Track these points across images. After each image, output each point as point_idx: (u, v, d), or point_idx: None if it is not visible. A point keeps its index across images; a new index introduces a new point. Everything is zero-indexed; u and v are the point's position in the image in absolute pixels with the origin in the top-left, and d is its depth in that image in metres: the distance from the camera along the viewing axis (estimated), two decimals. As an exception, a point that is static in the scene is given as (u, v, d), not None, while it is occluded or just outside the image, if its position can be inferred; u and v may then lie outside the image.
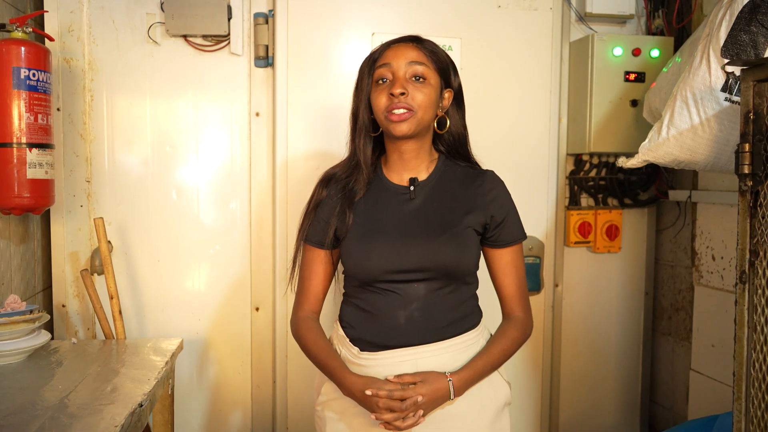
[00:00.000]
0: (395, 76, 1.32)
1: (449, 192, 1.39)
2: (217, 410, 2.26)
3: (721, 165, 1.74)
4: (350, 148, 1.43)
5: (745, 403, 1.35)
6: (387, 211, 1.37)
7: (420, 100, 1.31)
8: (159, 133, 2.15)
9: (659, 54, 2.25)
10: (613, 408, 2.54)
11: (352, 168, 1.41)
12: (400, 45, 1.35)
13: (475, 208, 1.37)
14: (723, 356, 2.13)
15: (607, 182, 2.45)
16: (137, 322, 2.17)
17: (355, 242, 1.35)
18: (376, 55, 1.37)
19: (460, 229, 1.34)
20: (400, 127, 1.31)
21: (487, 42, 2.23)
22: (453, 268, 1.33)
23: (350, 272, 1.39)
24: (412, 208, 1.37)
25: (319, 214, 1.41)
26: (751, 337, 1.33)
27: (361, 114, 1.38)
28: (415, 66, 1.32)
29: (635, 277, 2.52)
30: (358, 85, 1.40)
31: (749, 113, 1.31)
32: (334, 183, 1.42)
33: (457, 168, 1.43)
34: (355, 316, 1.39)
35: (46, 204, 1.82)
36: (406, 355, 1.32)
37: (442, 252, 1.32)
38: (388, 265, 1.32)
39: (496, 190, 1.40)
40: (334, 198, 1.40)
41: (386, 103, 1.31)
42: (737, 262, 1.35)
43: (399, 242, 1.33)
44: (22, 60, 1.71)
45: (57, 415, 1.27)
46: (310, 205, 1.45)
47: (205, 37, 2.15)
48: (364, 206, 1.38)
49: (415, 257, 1.32)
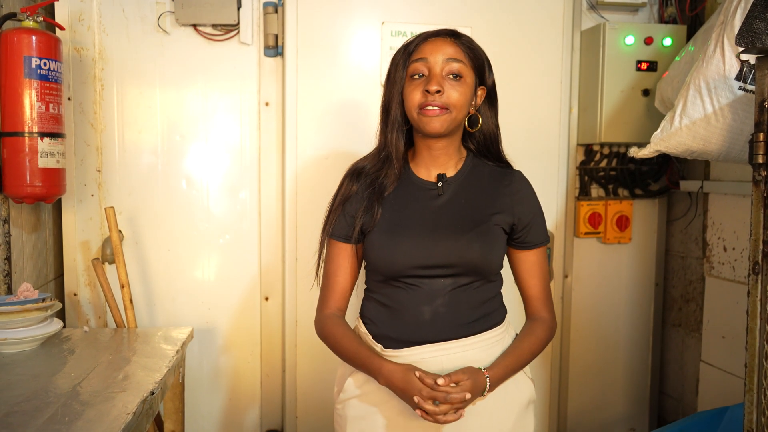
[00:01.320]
0: (431, 72, 1.27)
1: (477, 189, 1.36)
2: (227, 399, 2.28)
3: (734, 155, 1.72)
4: (380, 141, 1.39)
5: (756, 395, 1.34)
6: (414, 206, 1.35)
7: (455, 99, 1.27)
8: (169, 122, 2.16)
9: (672, 43, 2.23)
10: (622, 399, 2.54)
11: (382, 162, 1.37)
12: (437, 39, 1.30)
13: (503, 208, 1.34)
14: (733, 348, 2.12)
15: (617, 172, 2.44)
16: (148, 311, 2.18)
17: (382, 236, 1.32)
18: (411, 47, 1.31)
19: (488, 226, 1.32)
20: (433, 125, 1.27)
21: (497, 30, 2.21)
22: (480, 265, 1.31)
23: (375, 266, 1.35)
24: (440, 204, 1.35)
25: (347, 209, 1.38)
26: (764, 328, 1.32)
27: (393, 107, 1.33)
28: (452, 63, 1.28)
29: (645, 268, 2.51)
30: (390, 77, 1.34)
31: (764, 102, 1.30)
32: (363, 177, 1.38)
33: (485, 166, 1.40)
34: (378, 313, 1.36)
35: (57, 193, 1.83)
36: (432, 351, 1.30)
37: (469, 248, 1.29)
38: (414, 260, 1.30)
39: (523, 191, 1.38)
40: (362, 193, 1.37)
41: (420, 99, 1.27)
42: (750, 253, 1.34)
43: (426, 237, 1.31)
44: (34, 49, 1.71)
45: (70, 402, 1.28)
46: (336, 199, 1.40)
47: (214, 27, 2.14)
48: (391, 201, 1.36)
49: (443, 253, 1.29)
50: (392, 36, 2.15)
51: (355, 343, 1.33)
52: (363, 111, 2.16)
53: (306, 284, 2.19)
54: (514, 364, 1.33)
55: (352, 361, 1.34)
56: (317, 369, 2.22)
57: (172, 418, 1.87)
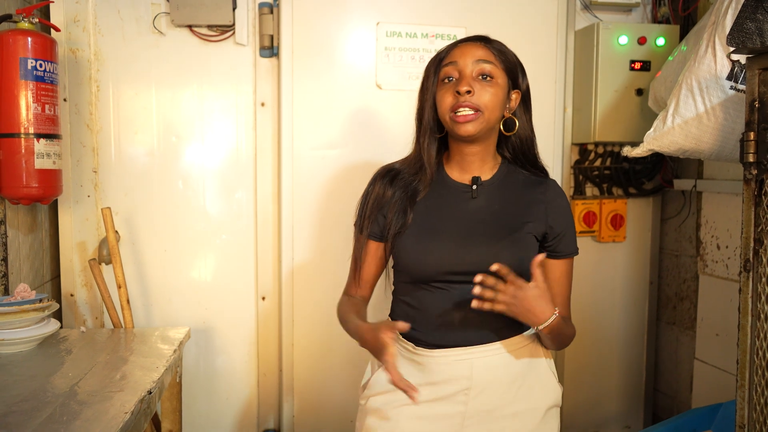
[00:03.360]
0: (462, 74, 1.28)
1: (511, 196, 1.36)
2: (224, 398, 2.28)
3: (726, 154, 1.74)
4: (415, 148, 1.39)
5: (748, 391, 1.35)
6: (447, 209, 1.34)
7: (487, 100, 1.27)
8: (165, 123, 2.16)
9: (665, 42, 2.25)
10: (617, 397, 2.55)
11: (417, 168, 1.37)
12: (467, 44, 1.32)
13: (536, 217, 1.34)
14: (727, 345, 2.13)
15: (612, 171, 2.45)
16: (145, 311, 2.19)
17: (414, 240, 1.32)
18: (443, 54, 1.33)
19: (521, 234, 1.32)
20: (465, 127, 1.27)
21: (492, 31, 2.18)
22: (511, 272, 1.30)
23: (406, 269, 1.35)
24: (474, 208, 1.34)
25: (378, 209, 1.38)
26: (755, 325, 1.33)
27: (426, 114, 1.34)
28: (482, 64, 1.28)
29: (640, 266, 2.53)
30: (423, 85, 1.36)
31: (754, 101, 1.31)
32: (396, 179, 1.38)
33: (519, 174, 1.40)
34: (407, 315, 1.36)
35: (53, 194, 1.83)
36: (462, 355, 1.30)
37: (502, 256, 1.27)
38: (445, 265, 1.29)
39: (557, 200, 1.37)
40: (395, 196, 1.37)
41: (452, 101, 1.28)
42: (741, 251, 1.35)
43: (458, 243, 1.30)
44: (29, 50, 1.71)
45: (67, 402, 1.29)
46: (368, 199, 1.40)
47: (210, 27, 2.15)
48: (424, 203, 1.36)
49: (474, 259, 1.28)
50: (387, 36, 2.16)
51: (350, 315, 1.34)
52: (359, 111, 2.17)
53: (303, 284, 2.20)
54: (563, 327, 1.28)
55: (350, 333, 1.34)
56: (314, 369, 2.22)
57: (170, 418, 1.87)
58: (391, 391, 1.33)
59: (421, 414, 1.32)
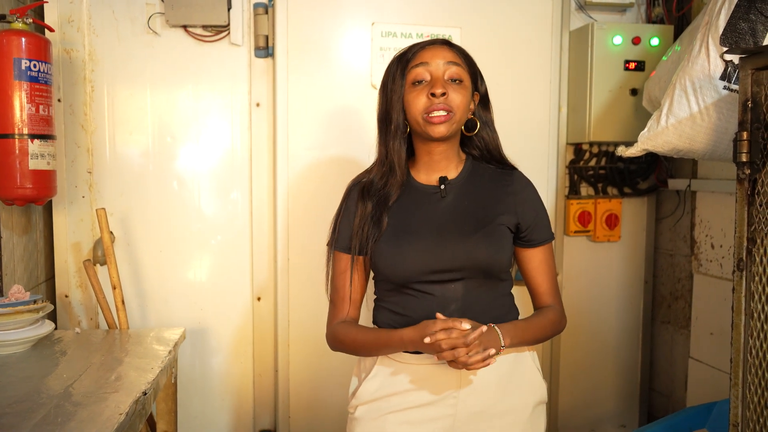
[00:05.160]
0: (433, 76, 1.30)
1: (480, 191, 1.37)
2: (219, 399, 2.28)
3: (719, 153, 1.75)
4: (380, 152, 1.38)
5: (742, 389, 1.36)
6: (419, 212, 1.35)
7: (458, 102, 1.29)
8: (160, 123, 2.16)
9: (659, 42, 2.25)
10: (612, 396, 2.56)
11: (386, 173, 1.36)
12: (434, 46, 1.33)
13: (506, 209, 1.35)
14: (722, 344, 2.14)
15: (606, 171, 2.46)
16: (140, 312, 2.18)
17: (388, 244, 1.32)
18: (409, 55, 1.33)
19: (493, 226, 1.33)
20: (439, 129, 1.28)
21: (486, 31, 2.23)
22: (488, 265, 1.31)
23: (384, 275, 1.35)
24: (444, 207, 1.36)
25: (353, 222, 1.37)
26: (749, 324, 1.34)
27: (395, 116, 1.34)
28: (453, 66, 1.30)
29: (635, 265, 2.53)
30: (386, 87, 1.36)
31: (747, 101, 1.32)
32: (368, 191, 1.37)
33: (485, 169, 1.41)
34: (392, 320, 1.36)
35: (48, 195, 1.83)
36: None
37: (476, 250, 1.30)
38: (422, 265, 1.30)
39: (525, 191, 1.39)
40: (368, 206, 1.36)
41: (426, 103, 1.28)
42: (735, 250, 1.36)
43: (433, 242, 1.31)
44: (23, 51, 1.71)
45: (62, 403, 1.28)
46: (341, 213, 1.40)
47: (204, 28, 2.15)
48: (395, 209, 1.36)
49: (450, 256, 1.30)
50: (382, 36, 2.16)
51: (371, 331, 1.34)
52: (354, 111, 2.17)
53: (298, 284, 2.20)
54: (523, 327, 1.31)
55: (374, 346, 1.33)
56: (309, 369, 2.22)
57: (165, 419, 1.87)
58: (379, 398, 1.35)
59: (410, 419, 1.33)
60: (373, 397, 1.36)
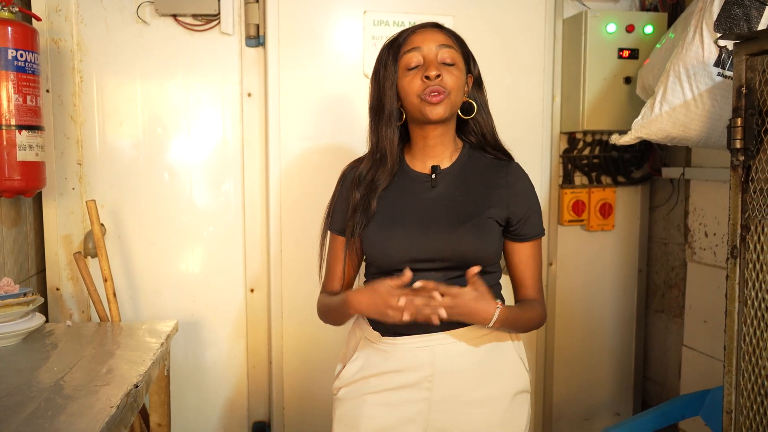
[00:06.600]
0: (426, 59, 1.29)
1: (472, 181, 1.37)
2: (213, 391, 2.27)
3: (713, 141, 1.74)
4: (372, 141, 1.38)
5: (735, 377, 1.36)
6: (409, 200, 1.36)
7: (452, 83, 1.29)
8: (150, 114, 2.14)
9: (653, 30, 2.24)
10: (606, 384, 2.57)
11: (377, 162, 1.36)
12: (425, 30, 1.32)
13: (497, 202, 1.34)
14: (715, 332, 2.15)
15: (600, 160, 2.45)
16: (132, 304, 2.17)
17: (377, 229, 1.34)
18: (400, 40, 1.32)
19: (481, 219, 1.32)
20: (436, 110, 1.28)
21: (479, 20, 2.21)
22: (473, 258, 1.30)
23: (371, 259, 1.38)
24: (434, 196, 1.35)
25: (345, 206, 1.39)
26: (742, 312, 1.34)
27: (388, 102, 1.33)
28: (445, 49, 1.30)
29: (629, 254, 2.53)
30: (378, 74, 1.35)
31: (741, 88, 1.31)
32: (359, 179, 1.38)
33: (482, 158, 1.40)
34: None
35: (37, 187, 1.81)
36: (424, 342, 1.32)
37: (462, 242, 1.30)
38: (406, 253, 1.31)
39: (519, 184, 1.38)
40: (359, 191, 1.37)
41: (421, 86, 1.28)
42: (728, 237, 1.36)
43: (418, 231, 1.31)
44: (9, 40, 1.68)
45: (53, 397, 1.27)
46: (335, 198, 1.43)
47: (195, 17, 2.12)
48: (386, 194, 1.36)
49: (435, 246, 1.30)
50: (374, 25, 2.14)
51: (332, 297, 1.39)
52: (346, 100, 2.16)
53: (291, 276, 2.19)
54: (515, 315, 1.31)
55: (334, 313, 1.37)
56: (303, 360, 2.22)
57: (158, 411, 1.86)
58: (359, 380, 1.37)
59: (386, 401, 1.35)
60: (354, 378, 1.39)
